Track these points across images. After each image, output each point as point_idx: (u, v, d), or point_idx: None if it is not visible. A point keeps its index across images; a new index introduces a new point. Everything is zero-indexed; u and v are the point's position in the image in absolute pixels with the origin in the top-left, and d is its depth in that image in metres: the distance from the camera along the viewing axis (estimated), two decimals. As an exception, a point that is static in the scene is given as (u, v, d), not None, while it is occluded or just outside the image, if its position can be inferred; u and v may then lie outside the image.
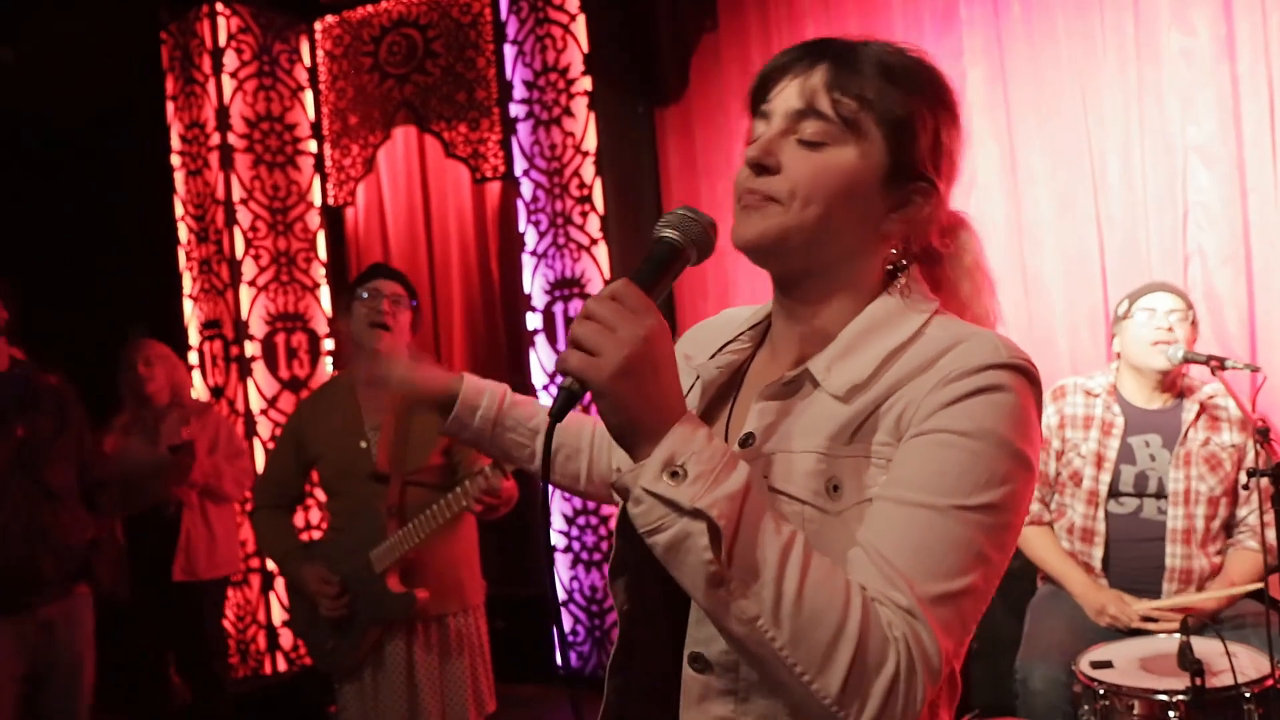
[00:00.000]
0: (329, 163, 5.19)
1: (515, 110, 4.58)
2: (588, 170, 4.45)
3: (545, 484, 1.01)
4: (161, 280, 5.12)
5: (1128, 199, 3.54)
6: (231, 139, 4.92)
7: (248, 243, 4.94)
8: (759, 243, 1.05)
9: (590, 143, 4.43)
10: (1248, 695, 2.28)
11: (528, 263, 4.59)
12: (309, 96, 5.19)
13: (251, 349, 4.91)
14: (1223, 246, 3.39)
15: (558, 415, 0.95)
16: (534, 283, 4.59)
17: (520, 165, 4.59)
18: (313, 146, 5.19)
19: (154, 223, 5.13)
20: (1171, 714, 2.28)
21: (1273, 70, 3.31)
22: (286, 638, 4.94)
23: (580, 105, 4.45)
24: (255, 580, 4.91)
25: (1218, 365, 2.71)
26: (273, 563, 3.40)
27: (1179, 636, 2.36)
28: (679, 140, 4.44)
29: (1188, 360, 2.80)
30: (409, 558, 2.78)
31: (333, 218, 5.23)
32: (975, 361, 0.98)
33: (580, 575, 4.54)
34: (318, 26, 5.19)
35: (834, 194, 1.03)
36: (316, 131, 5.19)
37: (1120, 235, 3.55)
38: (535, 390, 4.54)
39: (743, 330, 1.21)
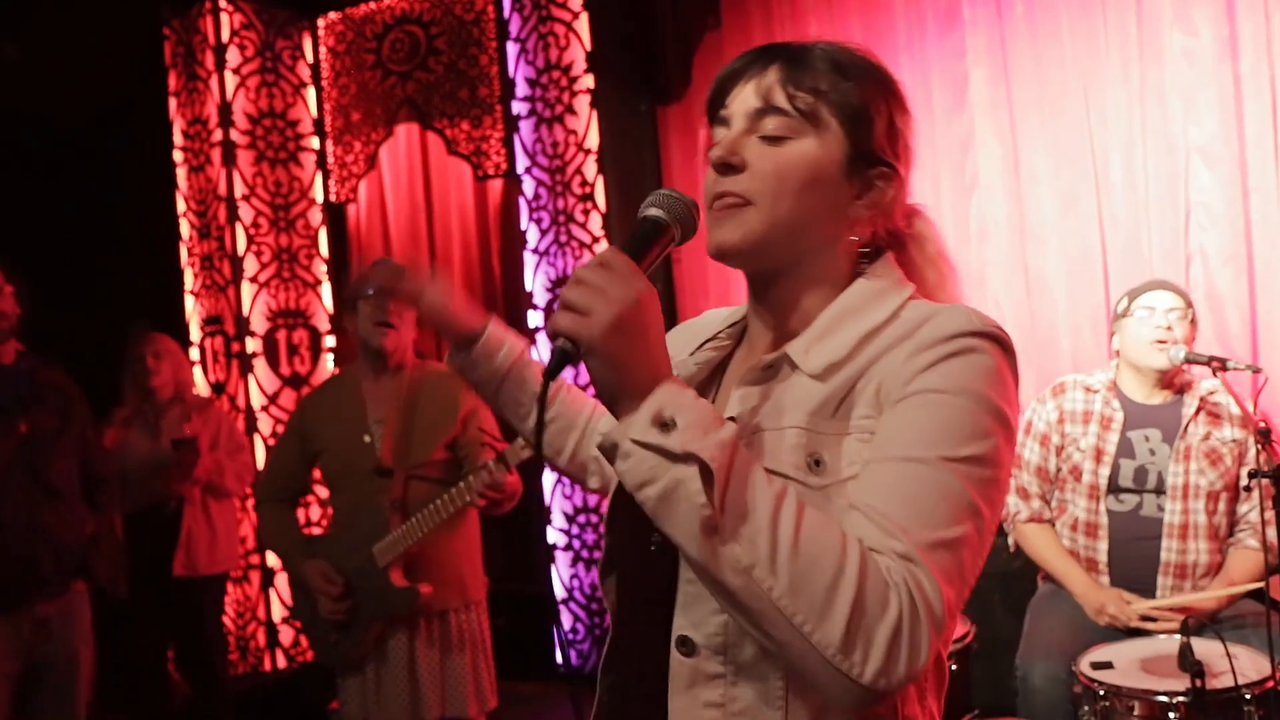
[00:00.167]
0: (331, 159, 5.18)
1: (518, 108, 4.58)
2: (590, 168, 4.45)
3: (538, 444, 1.02)
4: (163, 276, 5.12)
5: (1130, 199, 3.54)
6: (234, 135, 4.92)
7: (249, 239, 4.94)
8: (739, 248, 1.07)
9: (592, 140, 4.43)
10: (1248, 697, 2.28)
11: (529, 260, 4.59)
12: (311, 93, 5.19)
13: (253, 345, 4.92)
14: (1224, 246, 3.39)
15: (551, 374, 0.96)
16: (536, 280, 4.59)
17: (522, 163, 4.59)
18: (315, 143, 5.19)
19: (156, 219, 5.13)
20: (1172, 715, 2.29)
21: (1275, 70, 3.31)
22: (286, 634, 4.94)
23: (583, 103, 4.45)
24: (255, 577, 4.92)
25: (1219, 366, 2.71)
26: (276, 557, 3.40)
27: (1179, 638, 2.36)
28: (681, 138, 4.44)
29: (1189, 361, 2.80)
30: (412, 552, 2.78)
31: (335, 214, 5.23)
32: (949, 330, 1.01)
33: (580, 573, 4.54)
34: (320, 23, 5.18)
35: (800, 185, 1.06)
36: (319, 128, 5.19)
37: (1123, 235, 3.55)
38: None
39: (721, 329, 1.23)
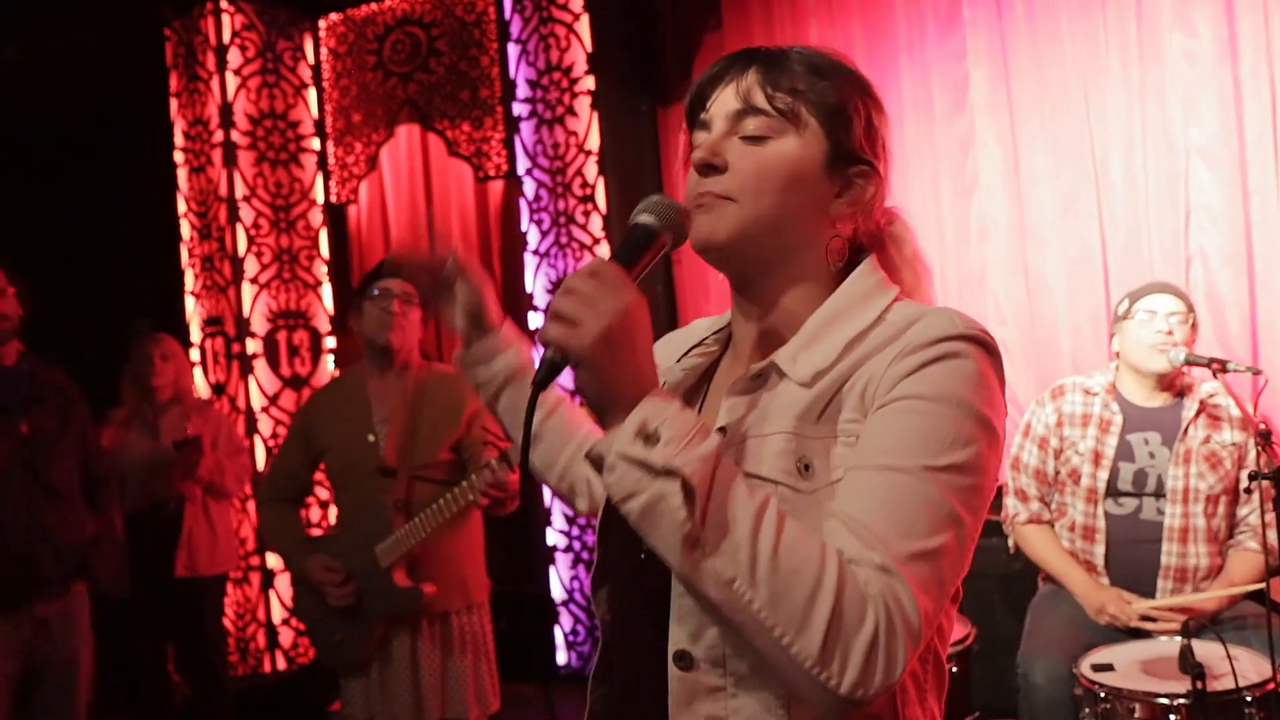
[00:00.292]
0: (332, 160, 5.19)
1: (518, 109, 4.59)
2: (590, 169, 4.45)
3: (524, 456, 1.02)
4: (163, 277, 5.12)
5: (1130, 199, 3.54)
6: (235, 136, 4.92)
7: (250, 240, 4.94)
8: (722, 242, 1.07)
9: (593, 142, 4.43)
10: (1249, 699, 2.28)
11: (530, 262, 4.59)
12: (312, 94, 5.19)
13: (253, 346, 4.92)
14: (1224, 247, 3.39)
15: (540, 384, 0.96)
16: (536, 282, 4.59)
17: (523, 164, 4.59)
18: (316, 144, 5.19)
19: (156, 219, 5.13)
20: (1173, 717, 2.29)
21: (1274, 71, 3.31)
22: (286, 636, 4.94)
23: (583, 104, 4.45)
24: (255, 578, 4.92)
25: (1219, 368, 2.70)
26: (278, 556, 3.40)
27: (1180, 639, 2.36)
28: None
29: (1189, 363, 2.79)
30: (415, 552, 2.78)
31: (335, 215, 5.23)
32: (933, 334, 1.01)
33: (581, 575, 4.54)
34: (322, 24, 5.19)
35: (782, 183, 1.06)
36: (320, 129, 5.19)
37: (1123, 236, 3.55)
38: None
39: (706, 335, 1.23)
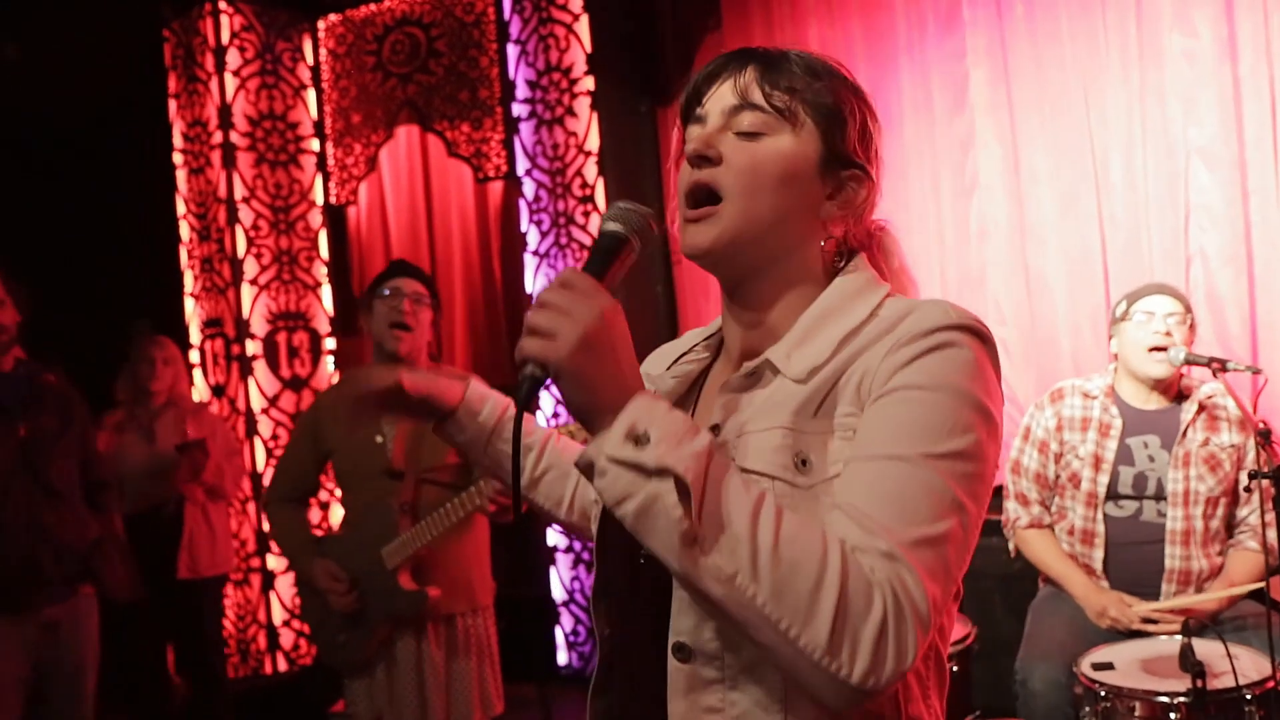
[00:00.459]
0: (331, 161, 5.19)
1: (518, 110, 4.59)
2: (590, 170, 4.45)
3: (515, 476, 1.00)
4: (163, 278, 5.12)
5: (1130, 199, 3.54)
6: (234, 137, 4.92)
7: (249, 241, 4.94)
8: (710, 249, 1.07)
9: (593, 142, 4.43)
10: (1249, 697, 2.28)
11: (530, 263, 4.59)
12: (311, 95, 5.19)
13: (253, 348, 4.92)
14: (1224, 248, 3.39)
15: (524, 404, 0.95)
16: (536, 282, 4.58)
17: (523, 165, 4.59)
18: (315, 145, 5.19)
19: (155, 221, 5.13)
20: (1173, 716, 2.28)
21: (1274, 71, 3.31)
22: (287, 637, 4.94)
23: (583, 105, 4.45)
24: (256, 580, 4.92)
25: (1219, 367, 2.70)
26: (285, 556, 3.40)
27: (1180, 638, 2.36)
28: (682, 140, 4.44)
29: (1189, 362, 2.79)
30: (420, 555, 2.78)
31: (335, 217, 5.23)
32: (927, 324, 1.01)
33: (581, 576, 4.54)
34: (321, 25, 5.19)
35: (775, 180, 1.06)
36: (319, 130, 5.19)
37: (1123, 236, 3.55)
38: (532, 413, 4.52)
39: (697, 342, 1.23)
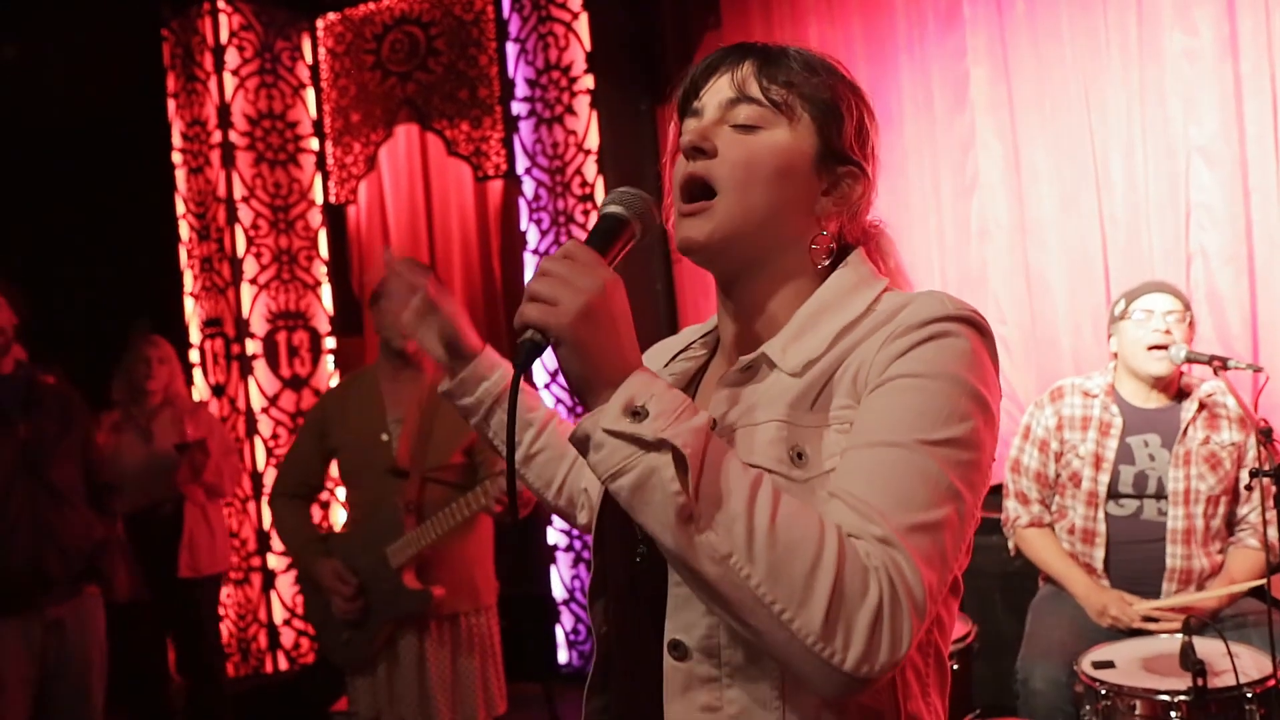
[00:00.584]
0: (331, 160, 5.18)
1: (517, 108, 4.58)
2: (590, 169, 4.45)
3: (510, 446, 0.98)
4: (162, 278, 5.11)
5: (1130, 198, 3.53)
6: (233, 136, 4.92)
7: (249, 241, 4.94)
8: (705, 244, 1.07)
9: (592, 141, 4.43)
10: (1250, 695, 2.28)
11: (530, 261, 4.59)
12: (311, 94, 5.19)
13: (253, 347, 4.91)
14: (1225, 246, 3.39)
15: (522, 367, 0.94)
16: (536, 281, 4.58)
17: (522, 163, 4.59)
18: (314, 144, 5.18)
19: (155, 220, 5.12)
20: (1173, 714, 2.28)
21: (1275, 70, 3.31)
22: (287, 636, 4.94)
23: (583, 103, 4.45)
24: (256, 579, 4.91)
25: (1220, 365, 2.70)
26: (289, 553, 3.40)
27: (1181, 637, 2.36)
28: (681, 139, 4.43)
29: (1190, 360, 2.78)
30: (424, 554, 2.78)
31: (334, 216, 5.23)
32: (923, 315, 1.01)
33: (582, 574, 4.54)
34: (320, 24, 5.18)
35: (770, 174, 1.06)
36: (318, 129, 5.18)
37: (1123, 234, 3.55)
38: (536, 387, 4.53)
39: (694, 340, 1.23)
